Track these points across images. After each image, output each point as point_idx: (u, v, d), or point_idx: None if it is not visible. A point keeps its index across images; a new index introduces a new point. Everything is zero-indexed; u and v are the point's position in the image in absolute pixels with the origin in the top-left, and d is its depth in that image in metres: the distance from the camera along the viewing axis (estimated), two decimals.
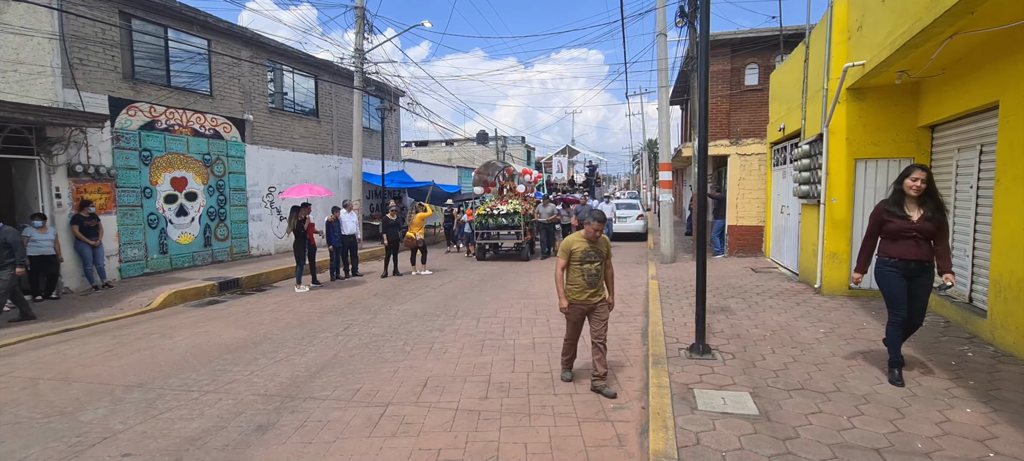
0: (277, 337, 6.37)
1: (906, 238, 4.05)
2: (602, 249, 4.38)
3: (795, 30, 13.10)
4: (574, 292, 4.35)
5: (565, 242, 4.41)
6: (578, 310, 4.39)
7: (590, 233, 4.33)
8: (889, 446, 3.17)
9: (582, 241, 4.36)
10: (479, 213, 13.37)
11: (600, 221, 4.31)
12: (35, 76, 8.70)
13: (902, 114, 6.97)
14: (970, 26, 4.51)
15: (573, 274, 4.36)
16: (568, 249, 4.36)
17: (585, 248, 4.33)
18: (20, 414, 4.19)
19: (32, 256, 8.28)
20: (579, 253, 4.32)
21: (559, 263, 4.42)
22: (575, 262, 4.33)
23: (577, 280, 4.34)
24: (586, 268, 4.31)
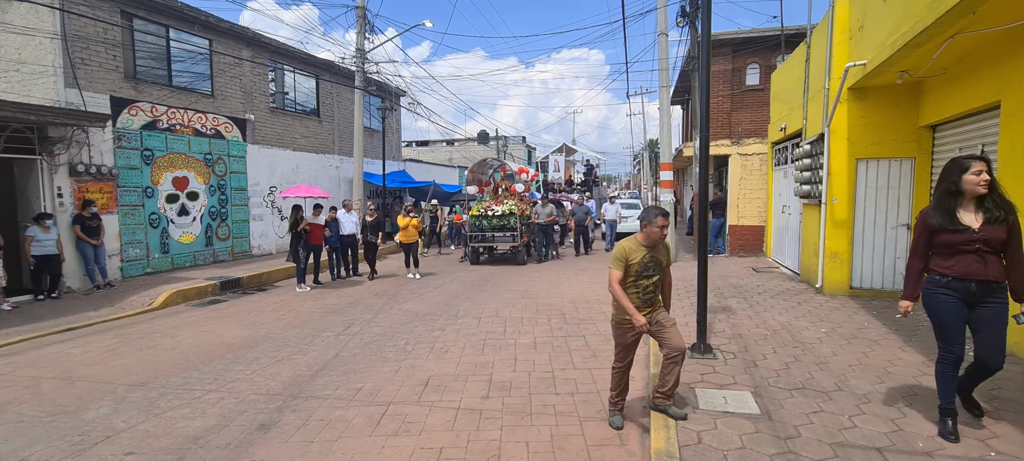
0: (278, 336, 6.38)
1: (967, 252, 3.12)
2: (662, 258, 3.59)
3: (796, 30, 13.09)
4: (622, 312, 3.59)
5: (620, 249, 3.59)
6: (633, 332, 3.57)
7: (652, 235, 3.52)
8: (890, 445, 3.18)
9: (640, 248, 3.53)
10: (473, 214, 12.65)
11: (665, 217, 3.53)
12: (37, 76, 8.72)
13: (903, 114, 6.97)
14: (971, 26, 4.51)
15: (627, 288, 3.59)
16: (624, 258, 3.53)
17: (643, 257, 3.51)
18: (23, 413, 4.20)
19: (36, 255, 8.31)
20: (636, 264, 3.51)
21: (613, 275, 3.58)
22: (630, 275, 3.54)
23: (632, 295, 3.56)
24: (643, 284, 3.53)
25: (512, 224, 12.24)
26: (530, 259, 13.13)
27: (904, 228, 7.19)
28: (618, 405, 3.82)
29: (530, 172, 15.98)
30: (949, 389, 3.28)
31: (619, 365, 3.72)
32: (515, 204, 12.58)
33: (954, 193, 3.17)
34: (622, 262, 3.55)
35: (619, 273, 3.56)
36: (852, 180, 7.34)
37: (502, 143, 38.58)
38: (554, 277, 10.47)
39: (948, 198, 3.19)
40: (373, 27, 15.11)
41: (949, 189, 3.19)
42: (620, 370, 3.72)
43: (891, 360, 4.68)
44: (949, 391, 3.28)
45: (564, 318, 6.94)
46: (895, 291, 7.23)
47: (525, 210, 12.78)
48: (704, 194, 5.67)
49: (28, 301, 8.38)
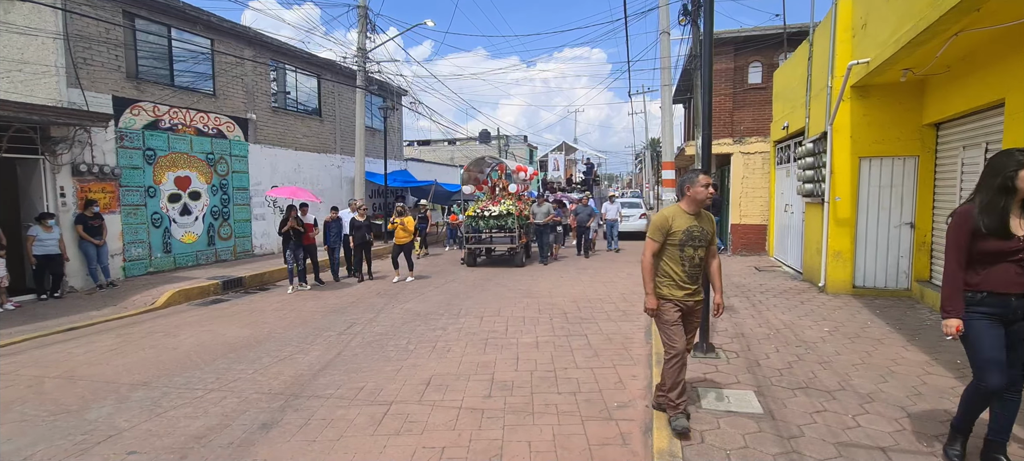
0: (280, 336, 6.39)
1: (1008, 262, 2.66)
2: (708, 228, 3.32)
3: (799, 28, 13.06)
4: (669, 287, 3.32)
5: (660, 217, 3.31)
6: (676, 310, 3.34)
7: (697, 198, 3.23)
8: (895, 445, 3.16)
9: (684, 215, 3.29)
10: (469, 215, 12.12)
11: (709, 176, 3.26)
12: (40, 75, 8.74)
13: (907, 112, 6.95)
14: (975, 23, 4.50)
15: (668, 262, 3.31)
16: (664, 226, 3.26)
17: (689, 225, 3.24)
18: (26, 412, 4.21)
19: (38, 255, 8.33)
20: (680, 232, 3.23)
21: (649, 247, 3.31)
22: (672, 245, 3.26)
23: (673, 270, 3.30)
24: (688, 254, 3.26)
25: (510, 225, 11.75)
26: (529, 260, 12.76)
27: (907, 227, 7.16)
28: (679, 406, 3.37)
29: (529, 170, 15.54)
30: (971, 414, 2.87)
31: (671, 356, 3.34)
32: (513, 204, 12.13)
33: (1009, 190, 2.62)
34: (661, 230, 3.25)
35: (656, 243, 3.27)
36: (855, 178, 7.32)
37: (504, 142, 38.58)
38: (556, 276, 10.46)
39: (1001, 197, 2.64)
40: (375, 26, 15.12)
41: (1004, 185, 2.63)
42: (674, 363, 3.32)
43: (895, 359, 4.66)
44: (970, 415, 2.87)
45: (566, 317, 6.93)
46: (898, 290, 7.21)
47: (523, 210, 12.36)
48: None
49: (31, 301, 8.40)
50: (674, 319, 3.35)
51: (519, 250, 11.88)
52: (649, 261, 3.35)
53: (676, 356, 3.34)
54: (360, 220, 10.44)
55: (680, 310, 3.35)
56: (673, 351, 3.35)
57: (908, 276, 7.20)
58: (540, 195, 13.56)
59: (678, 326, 3.35)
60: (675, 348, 3.34)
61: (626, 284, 9.31)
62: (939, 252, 6.81)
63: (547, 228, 12.40)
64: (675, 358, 3.35)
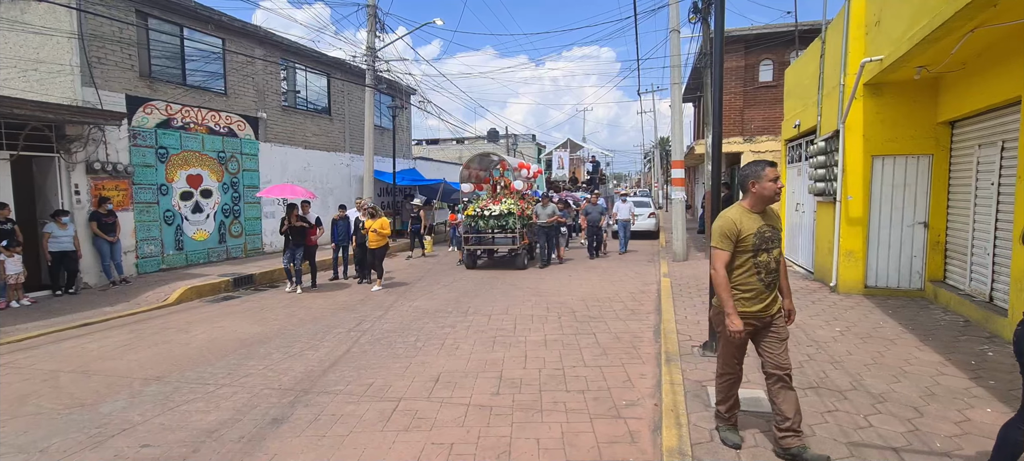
0: (290, 332, 6.44)
1: None
2: (778, 226, 2.95)
3: (810, 26, 12.94)
4: (741, 301, 2.91)
5: (725, 221, 2.88)
6: (749, 327, 2.93)
7: (764, 195, 2.83)
8: (907, 445, 3.13)
9: (750, 215, 2.87)
10: (468, 214, 11.46)
11: (775, 168, 2.86)
12: (55, 75, 8.86)
13: (921, 110, 6.86)
14: (992, 19, 4.42)
15: (741, 272, 2.89)
16: (732, 231, 2.84)
17: (758, 226, 2.83)
18: (42, 405, 4.28)
19: (53, 252, 8.47)
20: (751, 237, 2.82)
21: (719, 258, 2.88)
22: (744, 252, 2.85)
23: (749, 281, 2.88)
24: (762, 260, 2.84)
25: (511, 225, 11.09)
26: (532, 262, 12.09)
27: (921, 226, 7.07)
28: (730, 419, 3.21)
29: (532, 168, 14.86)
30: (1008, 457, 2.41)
31: (726, 372, 3.09)
32: (514, 203, 11.44)
33: None
34: (730, 238, 2.82)
35: (726, 252, 2.83)
36: (867, 177, 7.23)
37: (512, 141, 38.57)
38: (565, 276, 10.44)
39: None
40: (384, 25, 15.17)
41: None
42: (728, 380, 3.09)
43: (907, 359, 4.61)
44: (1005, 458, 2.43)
45: (574, 316, 6.92)
46: (911, 290, 7.13)
47: (526, 209, 11.69)
48: (716, 191, 5.62)
49: (46, 296, 8.53)
50: (738, 344, 2.96)
51: (520, 251, 11.30)
52: (724, 275, 2.86)
53: (730, 376, 3.11)
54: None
55: (752, 327, 2.95)
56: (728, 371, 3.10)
57: (921, 276, 7.10)
58: (544, 194, 13.05)
59: (741, 351, 2.99)
60: (731, 370, 3.09)
61: (634, 284, 9.28)
62: (953, 252, 6.72)
63: (551, 229, 11.82)
64: (729, 377, 3.12)
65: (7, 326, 6.74)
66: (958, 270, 6.54)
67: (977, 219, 6.05)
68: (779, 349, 2.93)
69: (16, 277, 7.86)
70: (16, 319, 7.11)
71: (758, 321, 2.94)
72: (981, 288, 5.88)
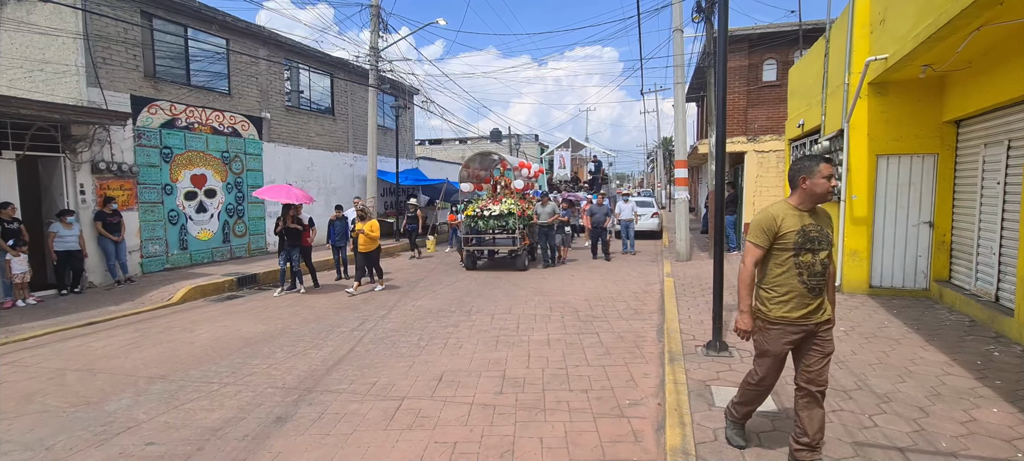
0: (294, 331, 6.45)
1: None
2: (827, 227, 2.72)
3: (814, 25, 12.89)
4: (781, 304, 2.66)
5: (765, 216, 2.70)
6: (791, 336, 2.68)
7: (815, 191, 2.62)
8: (912, 445, 3.11)
9: (795, 212, 2.67)
10: (467, 214, 11.26)
11: (830, 164, 2.65)
12: (60, 75, 8.91)
13: (926, 109, 6.82)
14: (999, 17, 4.39)
15: (780, 272, 2.67)
16: (771, 227, 2.65)
17: (803, 223, 2.63)
18: (48, 403, 4.30)
19: (59, 251, 8.51)
20: (793, 233, 2.62)
21: (750, 253, 2.71)
22: (784, 251, 2.64)
23: (789, 283, 2.64)
24: (804, 261, 2.62)
25: (511, 225, 10.89)
26: (534, 263, 11.87)
27: (926, 226, 7.04)
28: (741, 422, 3.08)
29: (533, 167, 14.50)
30: None
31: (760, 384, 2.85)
32: (514, 203, 11.22)
33: None
34: (767, 232, 2.64)
35: (760, 249, 2.66)
36: (872, 177, 7.20)
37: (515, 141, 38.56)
38: (567, 275, 10.43)
39: None
40: (387, 26, 15.20)
41: None
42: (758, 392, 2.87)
43: (912, 359, 4.59)
44: None
45: (577, 315, 6.91)
46: (916, 290, 7.09)
47: (526, 209, 11.49)
48: (720, 191, 5.61)
49: (52, 295, 8.58)
50: (780, 351, 2.70)
51: (521, 252, 11.07)
52: (749, 270, 2.70)
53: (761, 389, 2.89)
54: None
55: (796, 336, 2.66)
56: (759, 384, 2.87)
57: (926, 276, 7.07)
58: (544, 194, 12.74)
59: (779, 362, 2.72)
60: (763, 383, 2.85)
61: (636, 283, 9.27)
62: (959, 251, 6.68)
63: (552, 229, 11.55)
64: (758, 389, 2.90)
65: (13, 325, 6.78)
66: (964, 270, 6.51)
67: (983, 218, 6.02)
68: (819, 364, 2.69)
69: (22, 276, 7.90)
70: (22, 318, 7.15)
71: (801, 330, 2.67)
72: (987, 288, 5.85)
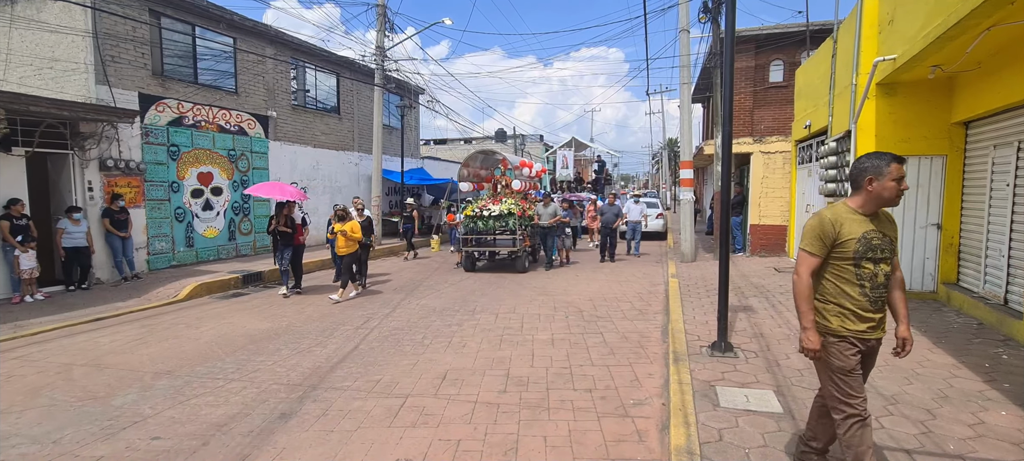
0: (299, 329, 6.48)
1: None
2: (891, 234, 2.47)
3: (822, 25, 12.83)
4: (837, 315, 2.45)
5: (820, 221, 2.44)
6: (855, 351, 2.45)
7: (881, 197, 2.38)
8: (920, 447, 3.09)
9: (855, 216, 2.42)
10: (467, 214, 10.98)
11: (901, 164, 2.37)
12: (69, 73, 8.98)
13: (934, 110, 6.77)
14: (1009, 17, 4.36)
15: (837, 282, 2.44)
16: (828, 233, 2.40)
17: (864, 230, 2.38)
18: (55, 398, 4.34)
19: (66, 247, 8.58)
20: (853, 241, 2.38)
21: (806, 263, 2.44)
22: (843, 260, 2.40)
23: (849, 293, 2.42)
24: (866, 271, 2.39)
25: (511, 225, 10.59)
26: (535, 265, 11.61)
27: (934, 228, 6.98)
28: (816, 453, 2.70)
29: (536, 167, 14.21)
30: None
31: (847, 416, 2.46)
32: (515, 203, 10.90)
33: None
34: (824, 239, 2.39)
35: (817, 257, 2.41)
36: None
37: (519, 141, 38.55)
38: (572, 276, 10.42)
39: None
40: (393, 25, 15.22)
41: None
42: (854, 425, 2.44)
43: (920, 362, 4.55)
44: None
45: (581, 315, 6.90)
46: (923, 292, 7.04)
47: (528, 210, 11.20)
48: (726, 192, 5.58)
49: (60, 291, 8.65)
50: (851, 364, 2.41)
51: (521, 253, 10.76)
52: (806, 282, 2.41)
53: (855, 418, 2.41)
54: (359, 220, 9.25)
55: (859, 350, 2.44)
56: (850, 410, 2.42)
57: (934, 278, 7.01)
58: (546, 194, 12.33)
59: (857, 374, 2.43)
60: (852, 407, 2.42)
61: (642, 284, 9.24)
62: (967, 254, 6.62)
63: (553, 230, 11.22)
64: (854, 420, 2.41)
65: (22, 320, 6.84)
66: (972, 272, 6.45)
67: (992, 220, 5.96)
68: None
69: (30, 272, 7.97)
70: (30, 314, 7.21)
71: (862, 344, 2.45)
72: (995, 291, 5.80)
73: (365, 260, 9.44)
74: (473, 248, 11.02)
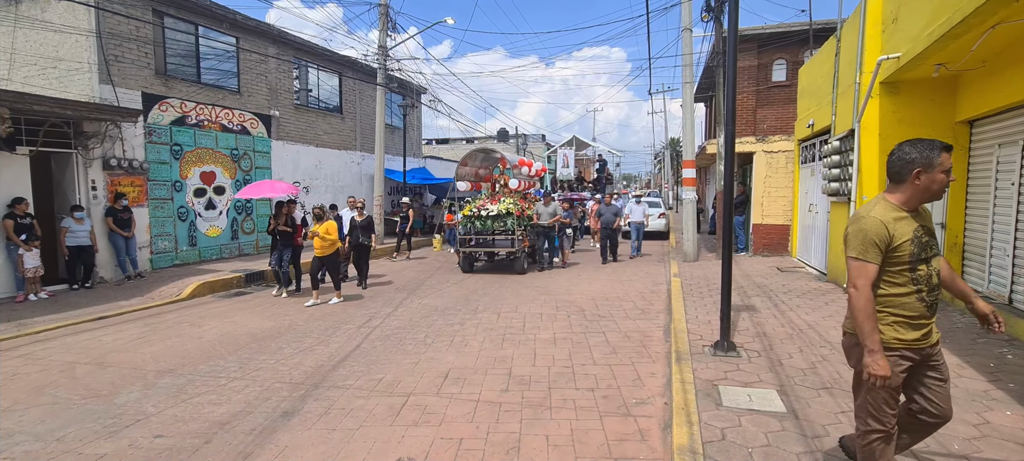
0: (301, 328, 6.48)
1: None
2: (931, 226, 2.30)
3: (825, 24, 12.78)
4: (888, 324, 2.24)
5: (872, 224, 2.19)
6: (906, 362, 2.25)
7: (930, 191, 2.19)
8: (924, 447, 3.07)
9: (901, 214, 2.21)
10: (465, 214, 10.76)
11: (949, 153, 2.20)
12: (73, 72, 9.01)
13: (938, 109, 6.74)
14: (1014, 15, 4.33)
15: (896, 292, 2.22)
16: (883, 236, 2.16)
17: (913, 229, 2.19)
18: (59, 396, 4.35)
19: (70, 246, 8.61)
20: (908, 244, 2.17)
21: (865, 273, 2.19)
22: (899, 265, 2.19)
23: (905, 301, 2.21)
24: (921, 274, 2.20)
25: (509, 225, 10.34)
26: (533, 266, 11.27)
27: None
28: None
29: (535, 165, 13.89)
30: None
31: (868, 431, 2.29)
32: (513, 203, 10.63)
33: None
34: (880, 244, 2.16)
35: (874, 266, 2.17)
36: (884, 177, 7.11)
37: (522, 141, 38.54)
38: (574, 275, 10.41)
39: None
40: (395, 25, 15.24)
41: None
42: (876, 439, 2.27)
43: None
44: None
45: (584, 315, 6.89)
46: None
47: (527, 209, 10.89)
48: (729, 191, 5.57)
49: (63, 290, 8.68)
50: (897, 381, 2.22)
51: (519, 254, 10.49)
52: (868, 297, 2.16)
53: (881, 434, 2.26)
54: (359, 220, 9.26)
55: (910, 362, 2.24)
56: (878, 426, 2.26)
57: None
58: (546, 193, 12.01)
59: (896, 396, 2.25)
60: (882, 423, 2.25)
61: (644, 283, 9.23)
62: (971, 254, 6.59)
63: (551, 230, 10.95)
64: (879, 436, 2.26)
65: (26, 319, 6.87)
66: (976, 272, 6.42)
67: (996, 220, 5.93)
68: (944, 392, 2.30)
69: (34, 271, 8.00)
70: (34, 312, 7.23)
71: (916, 354, 2.24)
72: (1000, 290, 5.76)
73: (365, 260, 9.39)
74: (471, 249, 10.82)
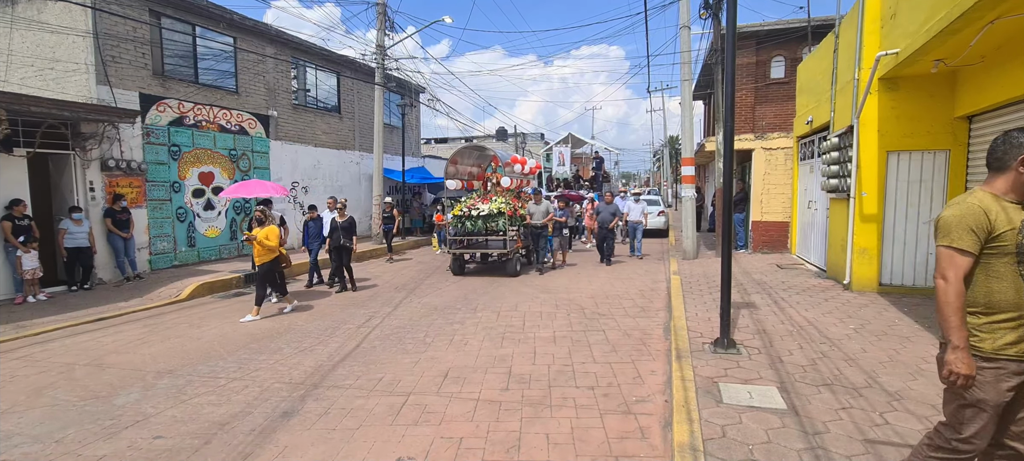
0: (300, 328, 6.47)
1: None
2: None
3: (823, 21, 12.79)
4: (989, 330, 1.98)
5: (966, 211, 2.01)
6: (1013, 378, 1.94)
7: None
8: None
9: (1005, 204, 2.01)
10: (455, 214, 10.34)
11: None
12: (70, 73, 8.98)
13: (937, 104, 6.74)
14: (1013, 10, 4.32)
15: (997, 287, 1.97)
16: (981, 225, 1.96)
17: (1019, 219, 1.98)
18: (58, 397, 4.34)
19: (68, 248, 8.59)
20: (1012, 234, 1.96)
21: (958, 264, 1.98)
22: (1002, 256, 1.96)
23: (1010, 299, 1.95)
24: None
25: (501, 226, 9.91)
26: (529, 268, 10.89)
27: None
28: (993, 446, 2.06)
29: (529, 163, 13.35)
30: None
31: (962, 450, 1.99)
32: (504, 202, 10.23)
33: None
34: (977, 233, 1.95)
35: (969, 257, 1.95)
36: (882, 173, 7.12)
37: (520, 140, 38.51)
38: (573, 273, 10.40)
39: None
40: (393, 24, 15.20)
41: None
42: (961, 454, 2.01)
43: (924, 358, 4.53)
44: None
45: (583, 313, 6.88)
46: (927, 288, 7.01)
47: (519, 209, 10.49)
48: (728, 188, 5.56)
49: (62, 292, 8.66)
50: (999, 399, 1.93)
51: (512, 256, 10.06)
52: (959, 289, 1.94)
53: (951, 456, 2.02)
54: (340, 221, 8.88)
55: (1019, 377, 1.93)
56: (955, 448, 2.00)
57: None
58: (536, 191, 11.53)
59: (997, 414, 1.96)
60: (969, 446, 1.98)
61: (643, 281, 9.22)
62: None
63: (545, 230, 10.44)
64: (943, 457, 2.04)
65: (24, 320, 6.85)
66: None
67: None
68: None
69: (32, 272, 7.98)
70: (33, 314, 7.22)
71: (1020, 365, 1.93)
72: None
73: (347, 263, 8.88)
74: (462, 250, 10.38)
